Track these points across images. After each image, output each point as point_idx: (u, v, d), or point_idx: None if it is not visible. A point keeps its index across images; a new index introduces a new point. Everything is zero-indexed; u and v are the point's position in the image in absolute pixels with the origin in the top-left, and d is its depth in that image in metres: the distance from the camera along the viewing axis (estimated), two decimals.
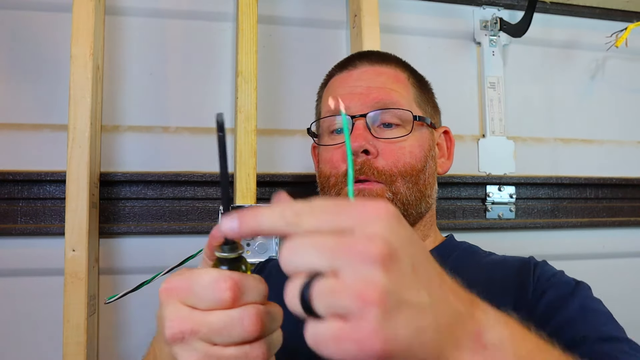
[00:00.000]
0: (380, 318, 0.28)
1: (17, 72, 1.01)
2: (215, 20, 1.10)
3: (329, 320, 0.29)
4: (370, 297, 0.28)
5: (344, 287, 0.28)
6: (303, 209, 0.31)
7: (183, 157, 1.06)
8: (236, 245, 0.37)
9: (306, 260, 0.30)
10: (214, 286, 0.34)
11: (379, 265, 0.28)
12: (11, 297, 0.96)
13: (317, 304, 0.29)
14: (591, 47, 1.30)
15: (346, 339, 0.28)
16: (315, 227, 0.30)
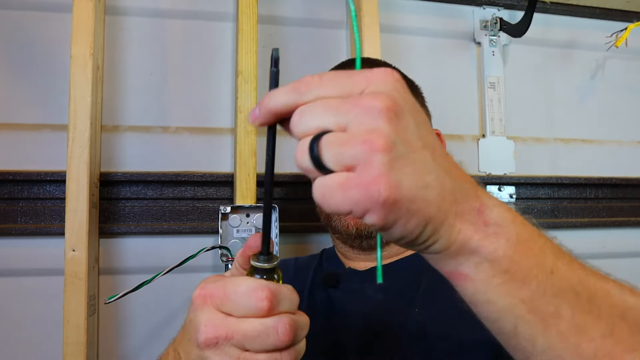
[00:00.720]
0: (386, 164, 0.28)
1: (17, 72, 1.01)
2: (215, 20, 1.10)
3: (336, 172, 0.29)
4: (376, 144, 0.28)
5: (351, 136, 0.29)
6: (313, 80, 0.32)
7: (183, 157, 1.06)
8: (272, 256, 0.37)
9: (315, 119, 0.30)
10: (251, 295, 0.35)
11: (385, 117, 0.29)
12: (11, 297, 0.96)
13: (325, 154, 0.29)
14: (591, 47, 1.30)
15: (353, 185, 0.28)
16: (325, 94, 0.31)
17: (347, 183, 0.29)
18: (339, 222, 0.69)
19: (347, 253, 0.74)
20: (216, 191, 1.06)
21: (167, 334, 1.02)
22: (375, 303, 0.65)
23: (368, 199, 0.28)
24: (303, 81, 0.32)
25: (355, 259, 0.73)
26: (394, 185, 0.28)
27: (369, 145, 0.28)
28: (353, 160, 0.29)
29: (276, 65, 0.34)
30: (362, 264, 0.72)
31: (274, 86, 0.34)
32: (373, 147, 0.28)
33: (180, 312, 1.03)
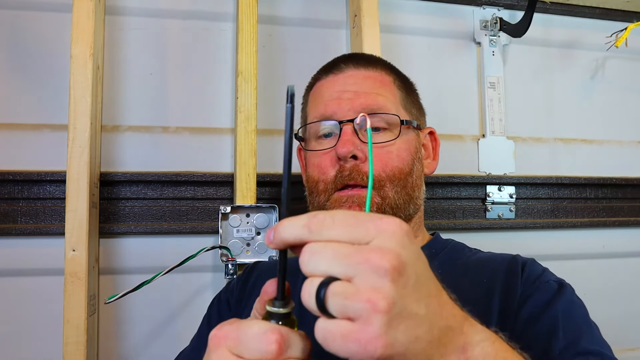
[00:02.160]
0: (384, 324, 0.31)
1: (17, 72, 1.01)
2: (215, 20, 1.10)
3: (339, 320, 0.32)
4: (378, 305, 0.31)
5: (357, 292, 0.32)
6: (325, 219, 0.34)
7: (183, 157, 1.06)
8: (287, 301, 0.38)
9: (324, 265, 0.33)
10: (261, 337, 0.35)
11: (389, 277, 0.32)
12: (11, 297, 0.96)
13: (331, 304, 0.32)
14: (591, 47, 1.30)
15: (352, 339, 0.31)
16: (335, 237, 0.34)
17: (348, 335, 0.32)
18: None
19: None
20: (216, 191, 1.06)
21: (167, 334, 1.02)
22: None
23: (365, 353, 0.31)
24: (316, 219, 0.35)
25: None
26: (389, 344, 0.31)
27: (371, 305, 0.31)
28: (355, 314, 0.32)
29: (291, 101, 0.36)
30: None
31: (290, 120, 0.36)
32: (375, 308, 0.31)
33: (180, 312, 1.03)
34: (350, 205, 0.66)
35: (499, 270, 0.65)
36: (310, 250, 0.34)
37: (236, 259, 0.96)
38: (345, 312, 0.32)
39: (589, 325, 0.58)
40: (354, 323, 0.32)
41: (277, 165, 1.09)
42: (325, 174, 0.69)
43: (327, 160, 0.70)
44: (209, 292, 1.04)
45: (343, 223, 0.34)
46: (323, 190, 0.70)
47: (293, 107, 0.36)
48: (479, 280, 0.65)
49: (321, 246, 0.34)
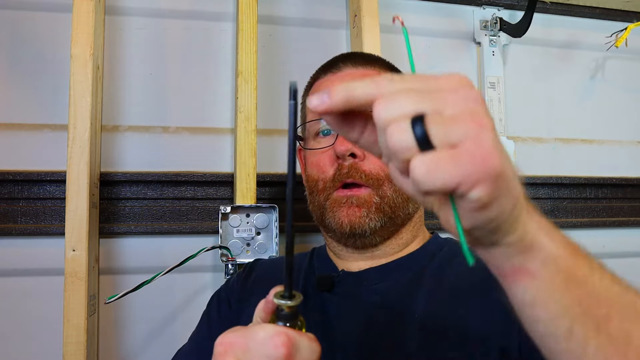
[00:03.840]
0: (495, 141, 0.30)
1: (17, 72, 1.01)
2: (215, 20, 1.10)
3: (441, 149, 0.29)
4: (484, 122, 0.30)
5: (458, 116, 0.30)
6: (393, 76, 0.32)
7: (183, 157, 1.06)
8: (294, 295, 0.37)
9: (408, 103, 0.30)
10: (269, 342, 0.34)
11: (481, 104, 0.31)
12: (11, 297, 0.96)
13: (434, 132, 0.29)
14: (591, 47, 1.30)
15: (466, 156, 0.29)
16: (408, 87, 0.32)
17: (459, 155, 0.29)
18: (333, 221, 0.67)
19: (340, 252, 0.72)
20: (216, 191, 1.06)
21: (167, 334, 1.02)
22: (373, 307, 0.64)
23: (483, 169, 0.29)
24: (382, 77, 0.33)
25: (349, 258, 0.71)
26: (502, 161, 0.30)
27: (478, 123, 0.30)
28: (462, 136, 0.29)
29: (294, 97, 0.34)
30: (355, 264, 0.70)
31: (293, 117, 0.35)
32: (482, 124, 0.30)
33: (180, 312, 1.03)
34: (350, 206, 0.66)
35: None
36: (385, 98, 0.31)
37: (236, 259, 0.96)
38: (450, 138, 0.29)
39: None
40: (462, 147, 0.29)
41: (277, 165, 1.09)
42: (325, 172, 0.69)
43: (326, 158, 0.70)
44: (209, 292, 1.03)
45: (412, 77, 0.32)
46: (322, 189, 0.69)
47: (296, 103, 0.35)
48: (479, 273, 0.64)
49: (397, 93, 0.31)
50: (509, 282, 0.35)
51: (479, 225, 0.32)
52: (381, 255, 0.70)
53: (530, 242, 0.33)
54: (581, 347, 0.34)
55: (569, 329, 0.34)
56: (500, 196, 0.30)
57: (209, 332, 0.75)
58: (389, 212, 0.67)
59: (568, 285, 0.34)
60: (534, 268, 0.34)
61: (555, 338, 0.35)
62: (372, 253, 0.70)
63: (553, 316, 0.34)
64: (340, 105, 0.33)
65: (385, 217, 0.66)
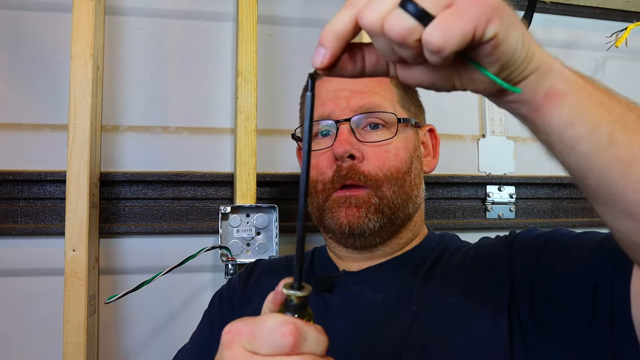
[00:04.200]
0: None
1: (17, 72, 1.01)
2: (215, 20, 1.10)
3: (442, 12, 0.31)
4: None
5: None
6: None
7: (183, 157, 1.06)
8: (304, 286, 0.37)
9: None
10: (276, 330, 0.34)
11: None
12: (11, 297, 0.96)
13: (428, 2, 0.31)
14: (591, 47, 1.30)
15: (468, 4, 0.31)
16: None
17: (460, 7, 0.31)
18: (332, 221, 0.67)
19: (340, 253, 0.73)
20: (216, 191, 1.06)
21: (167, 334, 1.02)
22: (374, 305, 0.64)
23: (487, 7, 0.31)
24: None
25: (349, 259, 0.72)
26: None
27: None
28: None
29: (312, 89, 0.35)
30: (355, 264, 0.71)
31: (310, 109, 0.35)
32: None
33: (180, 312, 1.03)
34: (349, 207, 0.66)
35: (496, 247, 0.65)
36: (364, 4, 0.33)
37: (236, 259, 0.96)
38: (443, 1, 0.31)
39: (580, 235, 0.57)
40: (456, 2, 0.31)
41: (277, 165, 1.09)
42: (324, 174, 0.69)
43: (325, 160, 0.70)
44: (209, 292, 1.04)
45: None
46: (322, 190, 0.69)
47: (314, 95, 0.35)
48: (480, 258, 0.64)
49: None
50: (545, 111, 0.37)
51: (504, 64, 0.34)
52: (381, 255, 0.70)
53: (550, 65, 0.36)
54: (627, 151, 0.36)
55: (610, 136, 0.36)
56: (509, 27, 0.33)
57: (210, 331, 0.75)
58: (389, 213, 0.67)
59: (593, 97, 0.37)
60: (561, 87, 0.36)
61: (600, 150, 0.36)
62: (372, 253, 0.70)
63: (592, 127, 0.36)
64: (337, 49, 0.34)
65: (384, 218, 0.66)
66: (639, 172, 0.36)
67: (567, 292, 0.53)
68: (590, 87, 0.38)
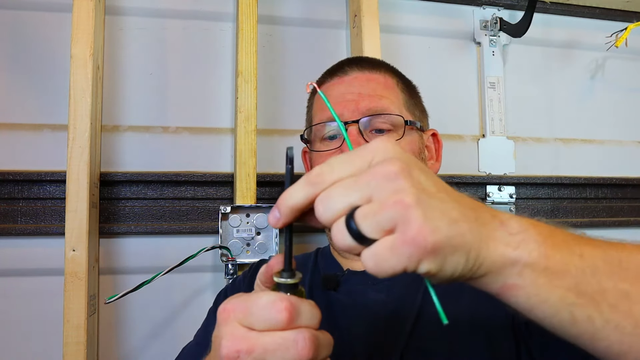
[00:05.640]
0: (421, 215, 0.32)
1: (17, 72, 1.01)
2: (215, 20, 1.10)
3: (380, 239, 0.32)
4: (406, 201, 0.32)
5: (382, 203, 0.32)
6: (323, 169, 0.35)
7: (183, 157, 1.06)
8: (294, 272, 0.38)
9: (340, 200, 0.33)
10: (271, 307, 0.35)
11: (402, 176, 0.33)
12: (11, 297, 0.96)
13: (365, 226, 0.32)
14: (591, 47, 1.30)
15: (400, 244, 0.32)
16: (338, 176, 0.34)
17: (394, 244, 0.32)
18: None
19: (344, 253, 0.73)
20: (216, 191, 1.06)
21: (167, 334, 1.02)
22: (378, 305, 0.64)
23: (418, 250, 0.31)
24: (314, 173, 0.35)
25: (353, 258, 0.72)
26: (434, 230, 0.32)
27: (401, 204, 0.32)
28: (391, 222, 0.32)
29: (291, 162, 0.37)
30: (360, 264, 0.70)
31: (289, 182, 0.37)
32: (405, 205, 0.32)
33: (180, 312, 1.03)
34: None
35: None
36: (321, 198, 0.34)
37: (236, 259, 0.96)
38: (382, 226, 0.32)
39: None
40: (394, 233, 0.32)
41: (277, 165, 1.09)
42: None
43: None
44: (209, 292, 1.04)
45: (340, 162, 0.35)
46: None
47: (292, 168, 0.38)
48: None
49: (330, 189, 0.34)
50: (502, 298, 0.37)
51: (444, 282, 0.35)
52: None
53: (501, 265, 0.35)
54: (590, 326, 0.36)
55: (571, 316, 0.36)
56: (446, 259, 0.33)
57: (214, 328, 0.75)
58: None
59: (552, 280, 0.35)
60: (513, 282, 0.35)
61: (563, 327, 0.37)
62: None
63: (552, 312, 0.36)
64: (291, 216, 0.36)
65: None
66: (604, 340, 0.36)
67: None
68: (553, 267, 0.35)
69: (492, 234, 0.35)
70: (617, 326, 0.35)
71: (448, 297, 0.62)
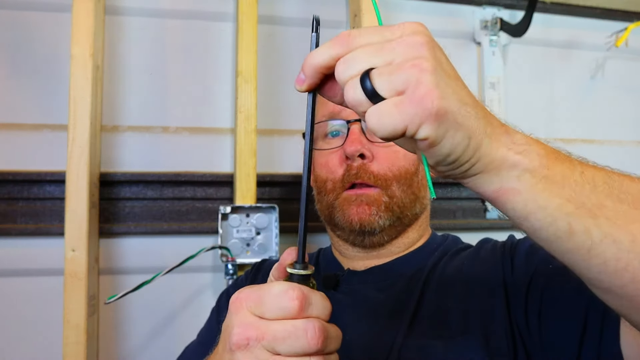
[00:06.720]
0: (433, 82, 0.32)
1: (17, 72, 1.01)
2: (215, 20, 1.10)
3: (389, 98, 0.33)
4: (424, 66, 0.32)
5: (400, 64, 0.33)
6: (351, 33, 0.35)
7: (183, 157, 1.06)
8: (307, 265, 0.39)
9: (362, 61, 0.34)
10: (282, 295, 0.36)
11: (426, 48, 0.34)
12: (11, 297, 0.96)
13: (378, 83, 0.33)
14: (591, 47, 1.30)
15: (407, 102, 0.32)
16: (366, 41, 0.35)
17: (402, 102, 0.32)
18: (342, 219, 0.68)
19: (346, 252, 0.73)
20: (216, 191, 1.06)
21: (167, 334, 1.02)
22: (377, 304, 0.65)
23: (423, 110, 0.32)
24: (342, 34, 0.35)
25: (354, 258, 0.72)
26: (443, 97, 0.32)
27: (417, 67, 0.32)
28: (404, 83, 0.32)
29: (316, 30, 0.38)
30: (361, 263, 0.71)
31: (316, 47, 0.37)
32: (421, 68, 0.32)
33: (180, 312, 1.03)
34: (359, 205, 0.67)
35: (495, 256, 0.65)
36: (345, 59, 0.34)
37: (236, 259, 0.96)
38: (394, 86, 0.32)
39: None
40: (405, 92, 0.32)
41: (277, 165, 1.09)
42: (333, 172, 0.70)
43: (335, 159, 0.70)
44: (209, 292, 1.04)
45: (370, 30, 0.35)
46: (332, 189, 0.70)
47: (318, 35, 0.38)
48: (480, 260, 0.65)
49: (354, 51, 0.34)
50: (497, 204, 0.37)
51: (439, 161, 0.35)
52: (387, 255, 0.71)
53: (500, 165, 0.35)
54: (587, 239, 0.35)
55: (568, 227, 0.35)
56: (447, 131, 0.33)
57: (217, 326, 0.76)
58: (398, 212, 0.68)
59: (552, 188, 0.35)
60: (512, 185, 0.36)
61: (559, 239, 0.36)
62: (378, 252, 0.71)
63: (549, 220, 0.36)
64: (316, 77, 0.36)
65: (394, 216, 0.67)
66: (600, 256, 0.35)
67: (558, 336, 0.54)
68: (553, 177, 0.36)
69: (497, 136, 0.36)
70: (614, 241, 0.35)
71: (443, 290, 0.62)
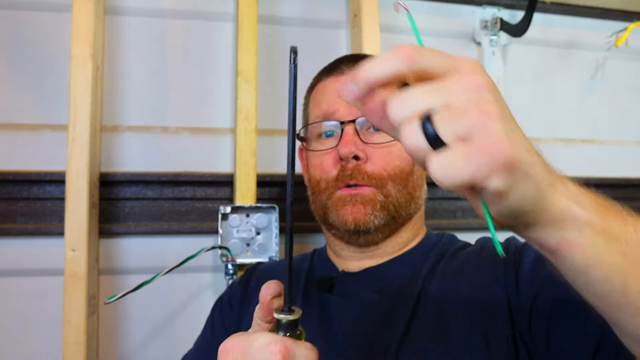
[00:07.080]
0: (503, 127, 0.30)
1: (17, 72, 1.01)
2: (215, 20, 1.10)
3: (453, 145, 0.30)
4: (491, 112, 0.30)
5: (465, 110, 0.30)
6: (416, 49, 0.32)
7: (183, 157, 1.06)
8: (293, 310, 0.39)
9: (419, 101, 0.31)
10: (266, 348, 0.36)
11: (489, 91, 0.31)
12: (11, 297, 0.96)
13: (443, 129, 0.30)
14: (591, 47, 1.30)
15: (475, 152, 0.30)
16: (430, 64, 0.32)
17: (469, 151, 0.30)
18: (337, 219, 0.68)
19: (341, 252, 0.73)
20: (216, 191, 1.06)
21: (167, 334, 1.02)
22: (372, 305, 0.64)
23: (492, 160, 0.30)
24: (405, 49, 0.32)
25: (349, 258, 0.72)
26: (513, 146, 0.30)
27: (486, 114, 0.30)
28: (471, 130, 0.30)
29: (295, 61, 0.37)
30: (356, 264, 0.71)
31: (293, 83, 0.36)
32: (490, 115, 0.30)
33: (180, 312, 1.03)
34: (354, 204, 0.66)
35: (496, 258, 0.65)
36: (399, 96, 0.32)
37: (236, 259, 0.96)
38: (459, 133, 0.30)
39: None
40: (471, 140, 0.30)
41: (277, 166, 1.09)
42: (327, 173, 0.69)
43: (329, 160, 0.70)
44: (209, 292, 1.04)
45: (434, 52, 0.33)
46: (325, 189, 0.70)
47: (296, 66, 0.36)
48: (482, 263, 0.65)
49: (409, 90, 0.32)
50: (557, 257, 0.36)
51: (504, 213, 0.33)
52: (381, 254, 0.70)
53: (563, 217, 0.34)
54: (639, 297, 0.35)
55: (623, 283, 0.35)
56: (518, 183, 0.31)
57: (212, 336, 0.76)
58: (393, 211, 0.67)
59: (609, 243, 0.35)
60: (573, 238, 0.35)
61: (612, 294, 0.36)
62: (373, 252, 0.70)
63: (606, 275, 0.35)
64: (367, 92, 0.34)
65: (389, 215, 0.67)
66: None
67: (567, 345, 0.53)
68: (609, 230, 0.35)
69: (557, 185, 0.35)
70: None
71: (443, 292, 0.62)
